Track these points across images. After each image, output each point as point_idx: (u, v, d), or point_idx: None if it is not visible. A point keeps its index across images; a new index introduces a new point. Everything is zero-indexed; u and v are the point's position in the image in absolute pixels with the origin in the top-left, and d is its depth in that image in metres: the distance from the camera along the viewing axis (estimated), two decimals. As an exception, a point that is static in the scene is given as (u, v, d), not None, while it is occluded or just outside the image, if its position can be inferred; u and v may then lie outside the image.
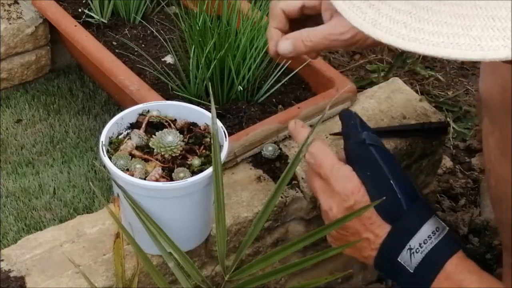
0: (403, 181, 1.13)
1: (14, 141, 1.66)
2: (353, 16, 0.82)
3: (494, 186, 1.36)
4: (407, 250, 1.09)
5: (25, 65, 1.76)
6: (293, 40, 1.17)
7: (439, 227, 1.10)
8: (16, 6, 1.74)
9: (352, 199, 1.11)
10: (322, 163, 1.14)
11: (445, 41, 0.77)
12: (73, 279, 1.21)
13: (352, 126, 1.18)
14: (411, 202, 1.11)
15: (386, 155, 1.15)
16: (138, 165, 1.15)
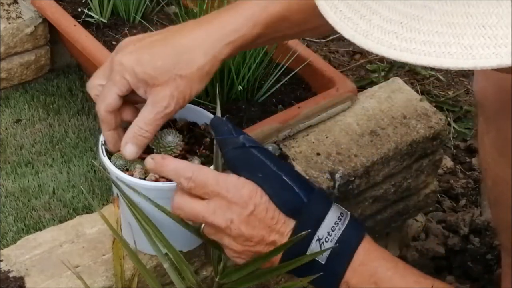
0: (296, 176, 1.08)
1: (13, 141, 1.66)
2: (345, 27, 0.82)
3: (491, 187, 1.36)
4: (316, 241, 1.05)
5: (25, 65, 1.76)
6: (133, 141, 1.12)
7: (342, 213, 1.06)
8: (15, 6, 1.74)
9: (252, 204, 1.05)
10: (205, 181, 1.06)
11: (436, 51, 0.77)
12: (72, 279, 1.21)
13: (226, 132, 1.10)
14: (309, 194, 1.06)
15: (270, 154, 1.09)
16: (138, 165, 1.15)
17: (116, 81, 1.11)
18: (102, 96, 1.13)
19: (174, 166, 1.08)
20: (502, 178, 1.29)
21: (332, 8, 0.83)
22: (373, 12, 0.80)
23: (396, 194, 1.52)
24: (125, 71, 1.10)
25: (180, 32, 1.13)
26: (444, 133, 1.51)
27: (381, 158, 1.44)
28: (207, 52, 1.10)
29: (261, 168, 1.06)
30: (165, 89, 1.10)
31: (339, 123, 1.48)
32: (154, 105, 1.10)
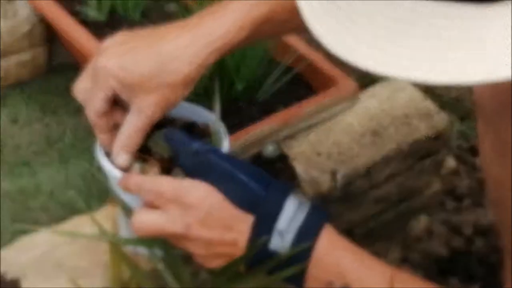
0: (252, 171, 1.07)
1: (10, 141, 1.66)
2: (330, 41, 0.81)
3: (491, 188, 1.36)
4: (277, 235, 1.04)
5: (21, 64, 1.76)
6: (123, 150, 1.12)
7: (301, 202, 1.05)
8: (12, 4, 1.74)
9: (207, 204, 1.04)
10: (161, 190, 1.06)
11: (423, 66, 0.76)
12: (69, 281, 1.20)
13: (179, 143, 1.11)
14: (266, 186, 1.05)
15: (225, 155, 1.09)
16: (136, 164, 1.14)
17: (101, 86, 1.11)
18: (89, 101, 1.14)
19: (135, 183, 1.10)
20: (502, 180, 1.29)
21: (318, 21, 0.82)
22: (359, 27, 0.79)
23: (398, 195, 1.52)
24: (109, 76, 1.09)
25: (164, 37, 1.11)
26: (447, 132, 1.51)
27: (383, 158, 1.43)
28: (192, 61, 1.09)
29: (215, 169, 1.06)
30: (150, 97, 1.09)
31: (340, 123, 1.48)
32: (140, 113, 1.10)
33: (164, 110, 1.11)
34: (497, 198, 1.35)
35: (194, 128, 1.22)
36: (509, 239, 1.36)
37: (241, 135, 1.39)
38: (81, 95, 1.16)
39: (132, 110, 1.11)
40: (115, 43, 1.14)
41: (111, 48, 1.13)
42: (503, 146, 1.24)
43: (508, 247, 1.38)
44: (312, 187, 1.37)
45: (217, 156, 1.08)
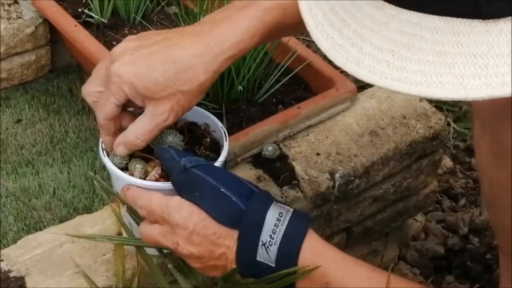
0: (234, 184, 1.08)
1: (14, 141, 1.66)
2: (336, 54, 0.82)
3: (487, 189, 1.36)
4: (261, 246, 1.05)
5: (25, 65, 1.76)
6: (125, 145, 1.14)
7: (282, 212, 1.06)
8: (16, 6, 1.74)
9: (191, 223, 1.06)
10: (151, 208, 1.10)
11: (428, 80, 0.76)
12: (73, 279, 1.21)
13: (169, 159, 1.12)
14: (247, 200, 1.06)
15: (210, 169, 1.10)
16: (138, 164, 1.15)
17: (114, 92, 1.10)
18: (100, 104, 1.13)
19: (131, 197, 1.12)
20: (498, 181, 1.29)
21: (323, 34, 0.83)
22: (364, 40, 0.80)
23: (395, 194, 1.52)
24: (123, 83, 1.09)
25: (178, 45, 1.11)
26: (444, 133, 1.51)
27: (381, 158, 1.44)
28: (208, 69, 1.09)
29: (199, 185, 1.08)
30: (165, 103, 1.10)
31: (339, 123, 1.48)
32: (153, 117, 1.11)
33: (177, 116, 1.12)
34: (493, 199, 1.35)
35: (195, 128, 1.23)
36: (504, 239, 1.36)
37: (241, 136, 1.39)
38: (90, 98, 1.16)
39: (145, 114, 1.12)
40: (128, 48, 1.12)
41: (124, 54, 1.11)
42: (500, 148, 1.24)
43: (503, 247, 1.39)
44: (311, 187, 1.37)
45: (202, 171, 1.09)
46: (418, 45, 0.77)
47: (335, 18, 0.82)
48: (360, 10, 0.81)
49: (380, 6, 0.79)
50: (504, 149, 1.22)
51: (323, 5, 0.84)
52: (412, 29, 0.77)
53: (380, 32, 0.79)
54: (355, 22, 0.81)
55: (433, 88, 0.76)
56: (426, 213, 1.78)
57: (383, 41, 0.79)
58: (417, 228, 1.75)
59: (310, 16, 0.85)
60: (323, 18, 0.83)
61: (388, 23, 0.78)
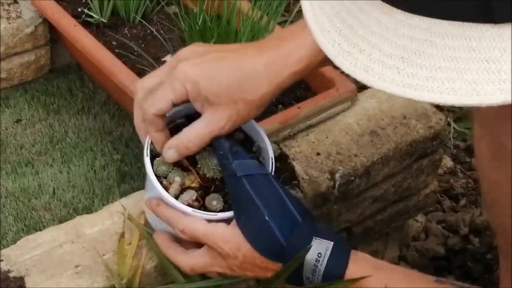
0: (280, 212, 1.09)
1: (13, 141, 1.66)
2: (344, 62, 0.80)
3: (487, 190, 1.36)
4: (305, 279, 1.09)
5: (25, 65, 1.76)
6: (176, 148, 1.12)
7: (320, 253, 1.08)
8: (15, 6, 1.74)
9: (241, 255, 1.09)
10: (195, 235, 1.11)
11: (440, 86, 0.75)
12: (72, 279, 1.21)
13: (223, 157, 1.11)
14: (289, 233, 1.08)
15: (260, 184, 1.10)
16: (177, 177, 1.13)
17: (175, 88, 1.09)
18: (154, 99, 1.11)
19: (166, 216, 1.13)
20: (497, 182, 1.29)
21: (330, 41, 0.82)
22: (372, 46, 0.79)
23: (396, 194, 1.52)
24: (188, 81, 1.08)
25: (246, 53, 1.10)
26: (444, 133, 1.51)
27: (381, 158, 1.44)
28: (272, 80, 1.09)
29: (247, 207, 1.08)
30: (224, 110, 1.09)
31: (339, 123, 1.48)
32: (209, 124, 1.10)
33: (233, 126, 1.11)
34: (493, 200, 1.35)
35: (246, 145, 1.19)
36: (504, 241, 1.36)
37: (241, 136, 1.39)
38: (143, 92, 1.14)
39: (202, 119, 1.11)
40: (196, 52, 1.12)
41: (192, 56, 1.11)
42: (500, 149, 1.24)
43: (503, 248, 1.39)
44: (311, 187, 1.37)
45: (251, 185, 1.08)
46: (428, 51, 0.76)
47: (342, 25, 0.81)
48: (367, 15, 0.79)
49: (388, 11, 0.78)
50: (504, 151, 1.22)
51: (328, 11, 0.83)
52: (422, 35, 0.76)
53: (388, 38, 0.78)
54: (362, 28, 0.79)
55: (446, 94, 0.75)
56: (426, 213, 1.78)
57: (392, 47, 0.77)
58: (418, 228, 1.75)
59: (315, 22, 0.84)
60: (329, 25, 0.82)
61: (397, 29, 0.77)
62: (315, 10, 0.85)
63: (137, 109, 1.15)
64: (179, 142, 1.12)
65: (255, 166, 1.11)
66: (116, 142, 1.66)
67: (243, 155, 1.11)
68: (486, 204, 1.45)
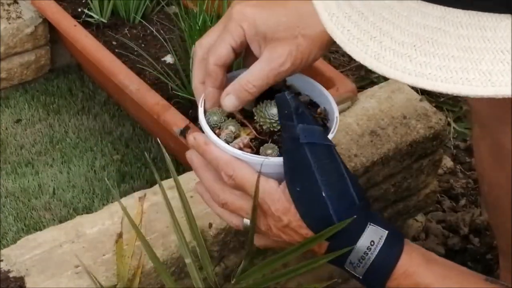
0: (339, 191, 1.00)
1: (13, 141, 1.66)
2: (354, 48, 0.78)
3: (487, 192, 1.35)
4: (349, 263, 1.02)
5: (25, 65, 1.76)
6: (235, 93, 1.04)
7: (374, 240, 1.01)
8: (15, 6, 1.74)
9: (286, 219, 1.01)
10: (243, 184, 1.02)
11: (453, 76, 0.73)
12: (72, 279, 1.21)
13: (287, 116, 1.01)
14: (344, 215, 0.99)
15: (323, 156, 1.00)
16: (231, 126, 1.05)
17: (232, 30, 1.03)
18: (214, 46, 1.04)
19: (216, 157, 1.03)
20: (498, 183, 1.28)
21: (339, 27, 0.79)
22: (383, 34, 0.77)
23: (396, 194, 1.52)
24: (244, 20, 1.02)
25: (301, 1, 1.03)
26: (444, 133, 1.51)
27: (381, 158, 1.44)
28: None
29: (304, 177, 1.00)
30: (284, 46, 1.02)
31: (339, 123, 1.47)
32: (269, 61, 1.02)
33: (295, 65, 1.03)
34: (493, 201, 1.35)
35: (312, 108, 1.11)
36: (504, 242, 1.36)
37: (241, 136, 1.39)
38: (202, 50, 1.08)
39: (260, 60, 1.02)
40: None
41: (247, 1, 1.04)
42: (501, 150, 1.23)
43: (504, 249, 1.38)
44: (311, 187, 1.37)
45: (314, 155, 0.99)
46: (442, 39, 0.74)
47: (351, 10, 0.79)
48: (378, 2, 0.77)
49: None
50: (504, 152, 1.22)
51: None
52: (436, 23, 0.74)
53: (400, 26, 0.76)
54: (373, 14, 0.77)
55: (460, 84, 0.73)
56: (426, 213, 1.78)
57: (404, 35, 0.76)
58: (418, 228, 1.75)
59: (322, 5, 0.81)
60: (338, 10, 0.80)
61: (410, 16, 0.75)
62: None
63: (196, 70, 1.09)
64: (239, 85, 1.03)
65: (320, 134, 1.02)
66: (116, 142, 1.67)
67: (309, 120, 1.01)
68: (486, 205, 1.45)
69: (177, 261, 1.25)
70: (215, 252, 1.30)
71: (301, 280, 1.47)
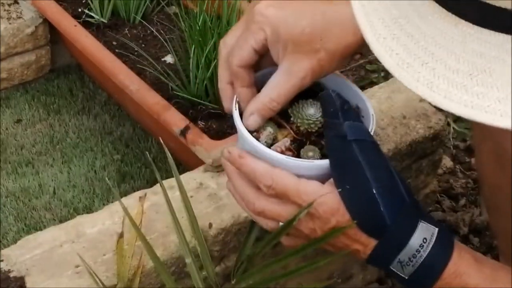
0: (389, 187, 0.97)
1: (14, 141, 1.66)
2: (404, 75, 0.73)
3: (488, 194, 1.35)
4: (397, 263, 0.98)
5: (25, 65, 1.76)
6: (259, 112, 1.01)
7: (426, 238, 0.97)
8: (16, 6, 1.75)
9: (334, 220, 0.98)
10: (285, 191, 0.98)
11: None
12: (73, 279, 1.21)
13: (332, 114, 0.98)
14: (396, 213, 0.96)
15: (371, 152, 0.97)
16: (269, 128, 1.04)
17: (253, 31, 0.99)
18: (236, 48, 1.01)
19: (252, 169, 1.00)
20: (499, 187, 1.27)
21: (387, 50, 0.75)
22: (436, 60, 0.72)
23: (395, 194, 1.52)
24: (266, 24, 0.98)
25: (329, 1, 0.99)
26: (444, 133, 1.51)
27: (381, 158, 1.44)
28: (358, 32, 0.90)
29: (353, 175, 0.96)
30: (305, 60, 0.98)
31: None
32: (290, 75, 0.98)
33: (315, 78, 1.00)
34: (494, 204, 1.34)
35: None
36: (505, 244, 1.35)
37: (241, 136, 1.39)
38: (226, 49, 1.03)
39: (280, 70, 0.99)
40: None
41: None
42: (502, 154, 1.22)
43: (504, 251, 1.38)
44: (311, 187, 1.37)
45: (363, 152, 0.96)
46: (500, 69, 0.69)
47: (399, 32, 0.74)
48: (430, 25, 0.72)
49: (454, 22, 0.71)
50: (505, 156, 1.21)
51: (383, 15, 0.76)
52: (494, 52, 0.69)
53: (455, 52, 0.70)
54: (424, 38, 0.72)
55: None
56: (426, 213, 1.78)
57: (459, 62, 0.70)
58: (417, 228, 1.75)
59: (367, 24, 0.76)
60: (385, 31, 0.75)
61: (465, 42, 0.70)
62: (367, 10, 0.78)
63: (222, 70, 1.05)
64: (260, 104, 1.00)
65: (366, 131, 0.99)
66: (116, 142, 1.67)
67: (354, 117, 0.99)
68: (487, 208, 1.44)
69: (177, 261, 1.25)
70: (215, 252, 1.30)
71: (301, 280, 1.47)
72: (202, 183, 1.33)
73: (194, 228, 1.15)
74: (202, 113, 1.46)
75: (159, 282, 1.24)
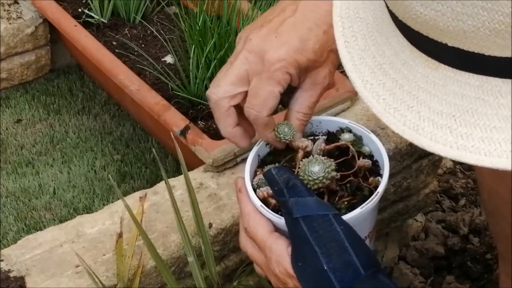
0: (340, 261, 0.96)
1: (14, 141, 1.66)
2: (391, 119, 0.75)
3: (487, 199, 1.35)
4: None
5: (25, 65, 1.76)
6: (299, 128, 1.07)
7: None
8: (16, 6, 1.75)
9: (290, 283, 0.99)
10: (254, 238, 1.02)
11: (497, 149, 0.69)
12: (73, 279, 1.21)
13: (277, 193, 1.00)
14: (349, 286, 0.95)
15: (318, 227, 0.97)
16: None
17: (279, 79, 1.02)
18: (262, 101, 1.04)
19: (241, 207, 1.05)
20: (497, 192, 1.27)
21: (374, 95, 0.76)
22: (420, 103, 0.73)
23: (395, 194, 1.52)
24: (289, 66, 1.02)
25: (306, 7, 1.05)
26: (444, 133, 1.51)
27: (381, 158, 1.44)
28: None
29: (305, 252, 0.97)
30: (324, 68, 1.05)
31: (339, 123, 1.48)
32: (315, 87, 1.06)
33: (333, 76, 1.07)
34: (493, 209, 1.34)
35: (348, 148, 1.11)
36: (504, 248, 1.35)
37: (241, 136, 1.39)
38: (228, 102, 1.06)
39: (303, 88, 1.06)
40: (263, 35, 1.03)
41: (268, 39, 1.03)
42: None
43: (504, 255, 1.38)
44: (311, 187, 1.37)
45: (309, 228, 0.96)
46: (481, 109, 0.70)
47: (385, 77, 0.75)
48: (411, 69, 0.74)
49: (434, 66, 0.72)
50: None
51: (369, 62, 0.78)
52: (474, 92, 0.70)
53: (437, 95, 0.72)
54: (408, 83, 0.73)
55: (505, 158, 0.69)
56: (426, 213, 1.78)
57: (442, 104, 0.71)
58: (417, 228, 1.75)
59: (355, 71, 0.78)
60: (371, 77, 0.76)
61: (446, 85, 0.71)
62: (354, 59, 0.80)
63: (224, 119, 1.07)
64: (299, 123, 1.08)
65: (314, 204, 0.99)
66: (116, 142, 1.67)
67: (301, 191, 1.00)
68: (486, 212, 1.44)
69: (177, 261, 1.25)
70: (215, 252, 1.30)
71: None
72: (202, 183, 1.33)
73: (199, 226, 1.15)
74: (202, 113, 1.47)
75: (159, 282, 1.24)
